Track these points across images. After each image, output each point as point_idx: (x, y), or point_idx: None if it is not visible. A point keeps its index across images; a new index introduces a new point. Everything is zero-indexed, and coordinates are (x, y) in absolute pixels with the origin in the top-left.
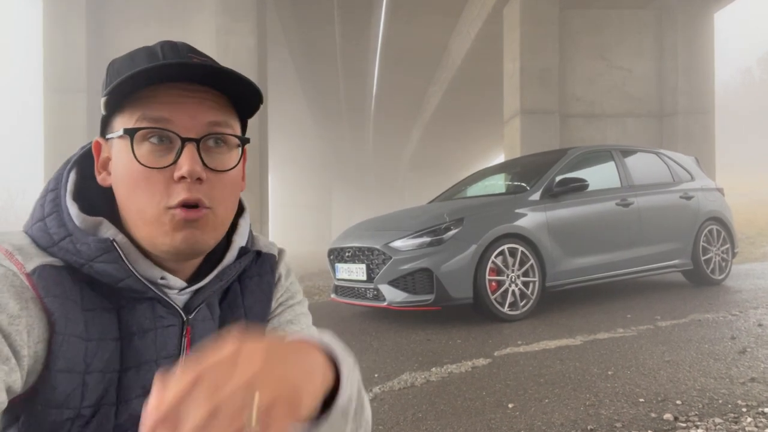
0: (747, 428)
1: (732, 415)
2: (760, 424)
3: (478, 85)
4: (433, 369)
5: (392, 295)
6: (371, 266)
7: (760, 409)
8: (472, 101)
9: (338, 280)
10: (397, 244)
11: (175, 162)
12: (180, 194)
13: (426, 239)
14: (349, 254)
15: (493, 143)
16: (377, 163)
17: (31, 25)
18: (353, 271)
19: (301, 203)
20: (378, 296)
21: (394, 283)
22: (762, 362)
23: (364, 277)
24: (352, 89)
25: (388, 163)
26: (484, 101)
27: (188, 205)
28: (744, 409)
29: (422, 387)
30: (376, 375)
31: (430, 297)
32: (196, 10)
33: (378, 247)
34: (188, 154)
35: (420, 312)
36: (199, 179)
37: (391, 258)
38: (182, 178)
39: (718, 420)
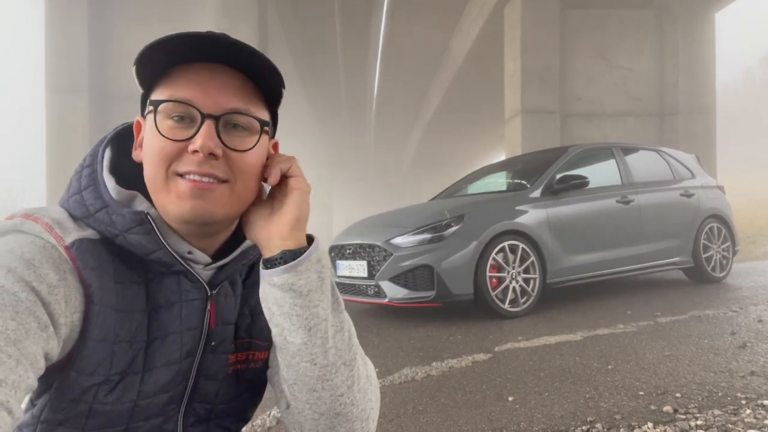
0: (746, 420)
1: (731, 407)
2: (759, 416)
3: (479, 84)
4: (434, 364)
5: (393, 291)
6: (372, 263)
7: (759, 402)
8: (473, 101)
9: (339, 277)
10: (398, 240)
11: (193, 136)
12: (189, 165)
13: (427, 236)
14: (350, 251)
15: (494, 143)
16: (378, 162)
17: (32, 25)
18: (354, 268)
19: None
20: (379, 293)
21: (395, 279)
22: (762, 356)
23: (365, 274)
24: (353, 89)
25: (389, 162)
26: (484, 101)
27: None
28: (743, 402)
29: (423, 381)
30: (377, 370)
31: (431, 293)
32: (197, 8)
33: (379, 243)
34: (206, 129)
35: (421, 309)
36: (213, 155)
37: (392, 255)
38: (196, 152)
39: (717, 412)
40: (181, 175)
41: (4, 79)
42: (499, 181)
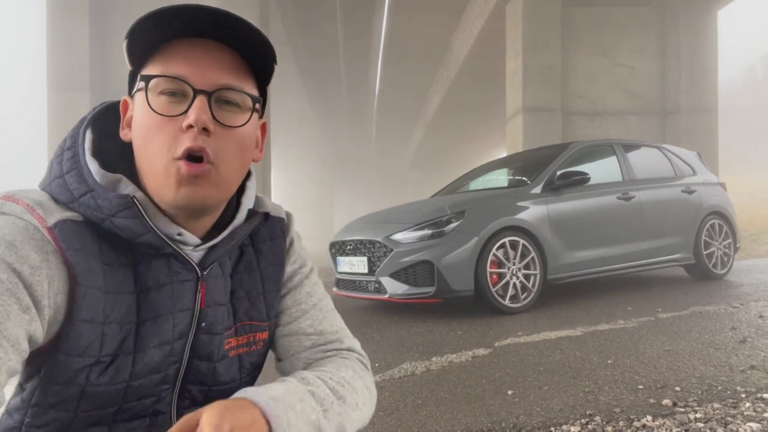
0: (745, 413)
1: (731, 400)
2: (759, 409)
3: (480, 83)
4: (434, 358)
5: (393, 287)
6: (372, 259)
7: (759, 395)
8: (474, 99)
9: (340, 273)
10: (399, 236)
11: (185, 112)
12: (185, 143)
13: (427, 232)
14: (351, 247)
15: (496, 142)
16: (380, 161)
17: (34, 24)
18: (355, 264)
19: (304, 201)
20: (379, 289)
21: (395, 275)
22: (762, 351)
23: (366, 270)
24: (354, 87)
25: (390, 161)
26: (486, 99)
27: (192, 157)
28: (743, 395)
29: (422, 375)
30: (376, 365)
31: (431, 289)
32: None
33: (379, 239)
34: (198, 104)
35: (421, 304)
36: (206, 130)
37: (392, 250)
38: (190, 127)
39: (716, 405)
40: (178, 158)
41: (6, 78)
42: (500, 178)
